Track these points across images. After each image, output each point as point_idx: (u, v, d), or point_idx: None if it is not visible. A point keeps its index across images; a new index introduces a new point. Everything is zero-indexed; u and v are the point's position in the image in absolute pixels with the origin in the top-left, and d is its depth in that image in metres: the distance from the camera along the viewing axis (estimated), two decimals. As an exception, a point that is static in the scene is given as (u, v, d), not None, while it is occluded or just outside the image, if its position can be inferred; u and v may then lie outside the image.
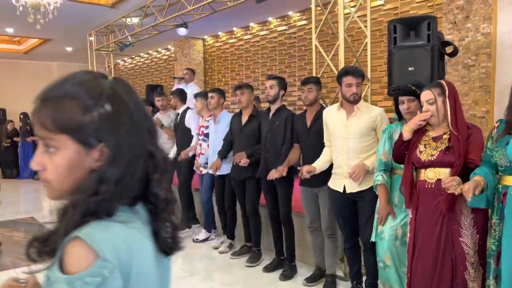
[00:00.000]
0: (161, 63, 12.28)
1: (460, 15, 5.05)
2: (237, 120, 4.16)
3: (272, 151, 3.70)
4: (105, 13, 7.98)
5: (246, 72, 9.33)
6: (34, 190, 8.71)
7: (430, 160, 2.37)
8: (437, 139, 2.42)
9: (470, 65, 5.00)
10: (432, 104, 2.39)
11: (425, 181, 2.39)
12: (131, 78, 13.89)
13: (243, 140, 4.03)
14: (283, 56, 8.41)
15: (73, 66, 14.30)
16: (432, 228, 2.36)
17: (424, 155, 2.39)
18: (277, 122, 3.70)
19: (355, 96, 2.99)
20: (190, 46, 10.38)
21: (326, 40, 7.01)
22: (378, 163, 2.84)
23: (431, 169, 2.37)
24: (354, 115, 3.01)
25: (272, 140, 3.70)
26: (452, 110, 2.39)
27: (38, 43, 11.19)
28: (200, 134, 4.70)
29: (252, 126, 4.00)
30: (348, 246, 3.19)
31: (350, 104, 3.02)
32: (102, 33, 8.92)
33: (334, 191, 3.08)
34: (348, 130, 2.98)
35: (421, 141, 2.46)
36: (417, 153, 2.43)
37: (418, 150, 2.44)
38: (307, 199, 3.51)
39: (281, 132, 3.66)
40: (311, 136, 3.39)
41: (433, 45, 3.47)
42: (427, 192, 2.38)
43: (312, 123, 3.40)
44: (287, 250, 3.77)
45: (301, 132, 3.50)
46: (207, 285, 3.56)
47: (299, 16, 8.11)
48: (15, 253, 4.47)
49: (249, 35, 9.18)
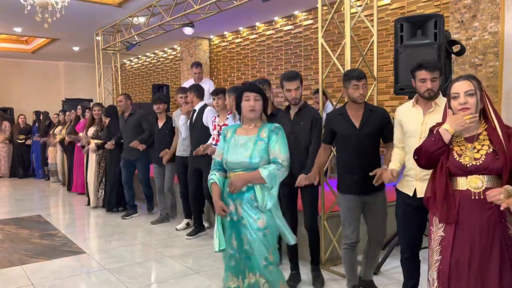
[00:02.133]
0: (167, 63, 12.31)
1: (468, 14, 5.03)
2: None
3: (296, 154, 3.27)
4: (112, 12, 8.03)
5: (252, 72, 9.34)
6: (41, 189, 8.77)
7: (476, 165, 2.01)
8: (471, 140, 2.09)
9: (477, 64, 4.98)
10: (472, 96, 2.06)
11: (468, 190, 2.03)
12: (137, 78, 13.95)
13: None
14: (289, 55, 8.41)
15: (80, 66, 14.41)
16: (481, 249, 1.98)
17: (466, 159, 2.04)
18: (301, 122, 3.37)
19: (430, 92, 2.63)
20: (196, 45, 10.41)
21: (332, 40, 7.00)
22: (212, 162, 2.67)
23: (475, 176, 2.02)
24: (432, 112, 2.65)
25: (295, 142, 3.33)
26: (491, 106, 2.09)
27: (46, 43, 11.27)
28: (221, 134, 4.48)
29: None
30: (407, 257, 2.83)
31: (426, 100, 2.69)
32: (109, 33, 8.96)
33: (402, 194, 2.77)
34: (425, 128, 2.58)
35: (452, 142, 2.12)
36: (455, 157, 2.07)
37: (456, 153, 2.09)
38: (353, 208, 3.08)
39: (307, 132, 3.35)
40: (361, 138, 3.02)
41: (440, 43, 3.46)
42: (472, 204, 2.02)
43: (363, 123, 3.03)
44: (315, 256, 3.51)
45: (347, 133, 3.08)
46: (213, 283, 3.56)
47: (305, 15, 8.10)
48: (22, 250, 4.51)
49: (255, 35, 9.19)
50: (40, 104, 12.41)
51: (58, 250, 4.51)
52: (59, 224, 5.67)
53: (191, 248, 4.57)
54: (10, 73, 13.25)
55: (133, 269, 3.92)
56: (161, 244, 4.69)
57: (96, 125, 6.52)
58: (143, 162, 5.83)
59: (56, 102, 12.20)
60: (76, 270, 3.94)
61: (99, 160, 6.41)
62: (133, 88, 14.18)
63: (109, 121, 6.29)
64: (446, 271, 2.04)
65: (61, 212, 6.68)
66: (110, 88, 9.69)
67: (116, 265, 4.03)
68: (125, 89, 14.30)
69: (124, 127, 5.90)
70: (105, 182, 6.40)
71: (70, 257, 4.29)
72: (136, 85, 14.00)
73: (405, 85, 3.51)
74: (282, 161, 2.55)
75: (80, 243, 4.73)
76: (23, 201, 7.40)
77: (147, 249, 4.54)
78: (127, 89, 14.39)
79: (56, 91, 13.76)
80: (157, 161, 5.58)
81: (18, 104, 12.53)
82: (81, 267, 4.00)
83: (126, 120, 5.88)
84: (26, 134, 10.37)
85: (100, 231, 5.36)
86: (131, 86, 14.32)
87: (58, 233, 5.18)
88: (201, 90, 5.03)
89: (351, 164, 3.07)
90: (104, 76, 9.31)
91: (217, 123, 4.49)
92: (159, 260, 4.19)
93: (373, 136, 3.05)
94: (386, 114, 3.11)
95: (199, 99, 4.92)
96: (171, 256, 4.26)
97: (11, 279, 3.71)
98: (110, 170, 6.23)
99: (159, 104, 5.51)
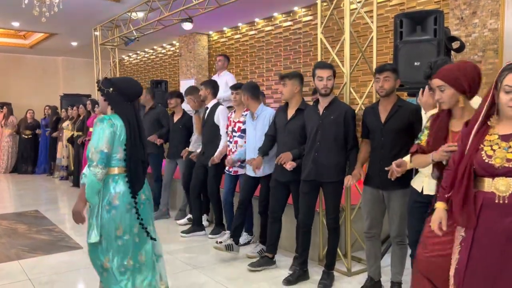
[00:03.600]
0: (166, 59, 12.28)
1: (467, 10, 5.01)
2: (283, 114, 3.68)
3: (324, 149, 3.27)
4: (110, 7, 7.99)
5: (251, 68, 9.32)
6: (39, 184, 8.75)
7: (508, 168, 1.83)
8: (507, 138, 1.89)
9: (477, 61, 4.96)
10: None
11: (492, 193, 1.86)
12: (135, 74, 13.91)
13: (287, 137, 3.59)
14: (288, 52, 8.39)
15: (79, 61, 14.35)
16: (502, 255, 1.85)
17: (497, 160, 1.85)
18: (331, 117, 3.28)
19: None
20: (195, 41, 10.38)
21: (332, 36, 6.98)
22: (100, 155, 2.40)
23: (503, 179, 1.84)
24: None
25: (324, 137, 3.27)
26: None
27: (44, 38, 11.22)
28: (236, 131, 4.29)
29: (298, 122, 3.55)
30: (414, 254, 2.75)
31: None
32: (107, 28, 8.93)
33: (413, 189, 2.74)
34: None
35: (484, 141, 1.92)
36: (483, 157, 1.89)
37: (485, 153, 1.90)
38: (371, 201, 3.11)
39: (338, 128, 3.27)
40: (385, 133, 2.99)
41: (439, 39, 3.45)
42: (495, 208, 1.86)
43: (389, 118, 3.01)
44: (328, 257, 3.46)
45: (373, 127, 3.09)
46: (210, 278, 3.56)
47: (304, 11, 8.07)
48: (19, 245, 4.50)
49: (254, 31, 9.16)
50: (39, 99, 12.37)
51: (55, 245, 4.50)
52: (56, 219, 5.65)
53: (189, 243, 4.56)
54: (8, 68, 13.18)
55: (130, 265, 3.91)
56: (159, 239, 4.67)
57: None
58: (155, 157, 5.75)
59: (55, 98, 12.16)
60: (73, 265, 3.93)
61: None
62: (131, 83, 14.12)
63: None
64: (462, 272, 1.96)
65: (59, 208, 6.67)
66: (108, 83, 9.65)
67: (114, 261, 4.01)
68: (123, 84, 14.24)
69: (143, 121, 5.81)
70: None
71: (67, 252, 4.28)
72: (135, 80, 13.95)
73: (405, 81, 3.50)
74: (91, 156, 2.42)
75: (77, 238, 4.72)
76: (22, 196, 7.38)
77: (145, 245, 4.53)
78: (126, 85, 14.34)
79: (54, 86, 13.69)
80: (169, 156, 5.58)
81: (17, 99, 12.46)
82: (78, 262, 3.98)
83: (145, 114, 5.86)
84: (33, 130, 10.24)
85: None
86: (129, 81, 14.27)
87: (55, 228, 5.17)
88: (217, 87, 4.92)
89: (374, 157, 3.09)
90: (102, 72, 9.28)
91: (232, 119, 4.37)
92: (156, 255, 4.18)
93: (400, 132, 2.98)
94: (416, 110, 3.01)
95: (213, 97, 4.83)
96: (169, 252, 4.25)
97: (8, 274, 3.70)
98: None
99: (170, 99, 5.52)
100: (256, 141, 3.99)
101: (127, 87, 2.59)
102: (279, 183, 3.67)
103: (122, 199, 2.48)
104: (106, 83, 2.57)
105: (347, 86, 3.80)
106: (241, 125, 4.26)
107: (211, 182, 4.68)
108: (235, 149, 4.26)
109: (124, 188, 2.50)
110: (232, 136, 4.34)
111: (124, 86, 2.58)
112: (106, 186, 2.49)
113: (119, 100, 2.55)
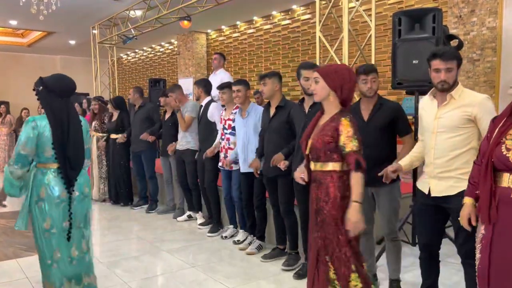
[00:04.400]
0: (164, 57, 12.26)
1: (466, 9, 5.01)
2: (266, 113, 3.87)
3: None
4: (108, 5, 7.98)
5: (249, 67, 9.31)
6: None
7: None
8: None
9: (475, 59, 4.97)
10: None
11: (509, 188, 1.85)
12: (134, 72, 13.89)
13: (272, 135, 3.73)
14: (287, 50, 8.38)
15: (77, 59, 14.33)
16: None
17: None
18: None
19: (443, 83, 2.46)
20: (193, 40, 10.36)
21: (330, 35, 6.98)
22: (16, 156, 2.48)
23: None
24: (446, 105, 2.50)
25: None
26: None
27: (42, 36, 11.20)
28: (227, 128, 4.36)
29: (280, 119, 3.69)
30: (423, 257, 2.75)
31: (442, 93, 2.53)
32: (105, 26, 8.91)
33: (419, 191, 2.68)
34: (438, 122, 2.50)
35: (507, 135, 1.90)
36: (502, 150, 1.87)
37: (505, 146, 1.87)
38: None
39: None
40: (368, 131, 2.96)
41: (438, 37, 3.44)
42: (510, 204, 1.85)
43: (371, 116, 3.03)
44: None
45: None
46: (208, 277, 3.56)
47: (303, 10, 8.07)
48: (17, 244, 4.49)
49: (253, 29, 9.15)
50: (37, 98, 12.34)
51: (53, 244, 4.48)
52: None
53: (188, 242, 4.56)
54: (6, 67, 13.16)
55: (128, 263, 3.91)
56: (158, 238, 4.68)
57: (97, 119, 6.41)
58: (148, 154, 5.79)
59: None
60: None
61: (100, 154, 6.32)
62: (129, 82, 14.12)
63: (120, 113, 6.11)
64: (485, 271, 1.92)
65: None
66: (106, 82, 9.64)
67: (112, 259, 4.01)
68: (121, 83, 14.24)
69: (133, 119, 5.92)
70: (108, 176, 6.32)
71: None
72: (133, 79, 13.94)
73: (403, 79, 3.50)
74: (12, 155, 2.56)
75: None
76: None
77: (143, 243, 4.52)
78: (124, 83, 14.33)
79: (52, 85, 13.68)
80: (163, 154, 5.58)
81: (15, 98, 12.43)
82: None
83: (136, 112, 5.89)
84: None
85: (96, 225, 5.34)
86: (127, 80, 14.26)
87: (53, 227, 5.16)
88: (209, 85, 5.06)
89: None
90: (100, 70, 9.27)
91: (223, 117, 4.45)
92: (155, 254, 4.17)
93: (383, 129, 3.00)
94: (397, 107, 3.06)
95: (206, 95, 4.95)
96: (167, 250, 4.25)
97: (6, 272, 3.69)
98: (116, 164, 6.12)
99: (161, 98, 5.58)
100: (248, 137, 4.11)
101: (56, 83, 2.60)
102: (268, 179, 3.83)
103: (50, 193, 2.55)
104: (38, 82, 2.62)
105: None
106: (231, 122, 4.34)
107: (208, 177, 4.74)
108: (228, 146, 4.34)
109: (53, 182, 2.56)
110: (223, 133, 4.42)
111: (53, 83, 2.60)
112: (36, 179, 2.58)
113: (49, 97, 2.58)
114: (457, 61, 2.46)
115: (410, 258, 3.78)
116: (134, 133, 5.78)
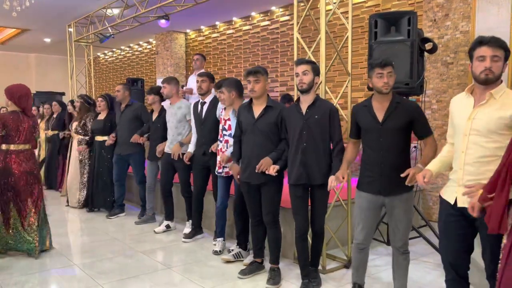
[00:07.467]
0: (142, 57, 12.13)
1: (440, 13, 5.12)
2: (247, 113, 3.42)
3: (311, 151, 3.07)
4: (85, 3, 7.84)
5: (228, 67, 9.30)
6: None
7: None
8: None
9: (449, 62, 5.08)
10: None
11: None
12: (111, 72, 13.70)
13: (259, 137, 3.34)
14: (266, 51, 8.41)
15: (52, 58, 14.04)
16: None
17: None
18: (316, 116, 3.07)
19: (488, 73, 2.11)
20: (172, 39, 10.29)
21: (309, 36, 7.03)
22: None
23: None
24: (485, 105, 2.16)
25: (310, 138, 3.07)
26: None
27: (16, 33, 10.92)
28: (226, 129, 3.93)
29: (268, 120, 3.32)
30: (450, 278, 2.37)
31: (482, 88, 2.18)
32: (82, 24, 8.75)
33: (444, 201, 2.34)
34: (471, 123, 2.17)
35: None
36: None
37: None
38: (367, 208, 2.78)
39: (324, 127, 3.08)
40: (384, 133, 2.69)
41: (412, 40, 3.51)
42: None
43: (387, 116, 2.70)
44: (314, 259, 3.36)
45: (369, 127, 2.77)
46: (185, 278, 3.53)
47: (282, 11, 8.11)
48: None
49: (232, 30, 9.15)
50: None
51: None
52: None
53: (163, 243, 4.51)
54: (-22, 64, 12.80)
55: (103, 264, 3.84)
56: (133, 240, 4.61)
57: (77, 120, 6.06)
58: (137, 158, 5.37)
59: (27, 95, 11.86)
60: (44, 266, 3.83)
61: (81, 157, 5.90)
62: (107, 82, 13.91)
63: (108, 113, 5.70)
64: (499, 279, 1.81)
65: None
66: (83, 81, 9.47)
67: (87, 260, 3.94)
68: (98, 83, 14.01)
69: (120, 119, 5.45)
70: (88, 180, 5.87)
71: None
72: (110, 79, 13.74)
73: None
74: None
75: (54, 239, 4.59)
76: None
77: (119, 245, 4.45)
78: (101, 83, 14.11)
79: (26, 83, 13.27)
80: (150, 157, 5.10)
81: (-14, 96, 12.11)
82: (50, 263, 3.89)
83: (122, 111, 5.44)
84: None
85: (71, 227, 5.24)
86: (105, 79, 14.05)
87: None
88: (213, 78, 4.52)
89: (372, 160, 2.75)
90: (77, 69, 9.09)
91: (223, 117, 4.03)
92: (130, 255, 4.11)
93: (400, 131, 2.69)
94: (415, 107, 2.75)
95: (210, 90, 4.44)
96: (142, 252, 4.20)
97: (-25, 276, 3.58)
98: (99, 167, 5.67)
99: (148, 96, 5.10)
100: None
101: None
102: (250, 186, 3.43)
103: None
104: None
105: (323, 86, 3.82)
106: (230, 123, 3.97)
107: (197, 181, 4.40)
108: (225, 149, 3.93)
109: None
110: (222, 135, 3.97)
111: None
112: None
113: None
114: (505, 52, 2.12)
115: (385, 258, 3.83)
116: (121, 134, 5.35)
